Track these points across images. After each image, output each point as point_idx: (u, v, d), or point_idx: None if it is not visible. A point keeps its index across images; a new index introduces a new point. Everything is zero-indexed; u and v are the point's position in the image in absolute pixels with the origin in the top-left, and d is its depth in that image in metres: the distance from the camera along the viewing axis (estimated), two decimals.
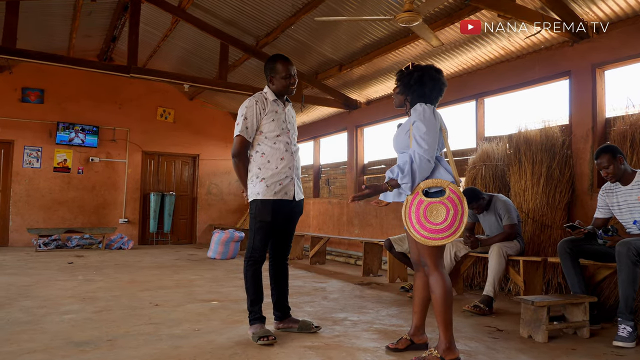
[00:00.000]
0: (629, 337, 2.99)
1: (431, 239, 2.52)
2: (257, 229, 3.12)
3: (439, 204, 2.53)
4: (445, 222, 2.51)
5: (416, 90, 2.69)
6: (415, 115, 2.62)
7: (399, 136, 2.72)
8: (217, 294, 4.64)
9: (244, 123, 3.09)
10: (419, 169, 2.54)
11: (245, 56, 7.87)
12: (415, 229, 2.53)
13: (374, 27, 6.17)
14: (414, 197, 2.55)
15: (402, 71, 2.76)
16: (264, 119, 3.10)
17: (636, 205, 3.37)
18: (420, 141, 2.55)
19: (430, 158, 2.55)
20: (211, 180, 11.24)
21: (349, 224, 8.45)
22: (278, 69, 3.15)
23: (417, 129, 2.58)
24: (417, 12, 3.64)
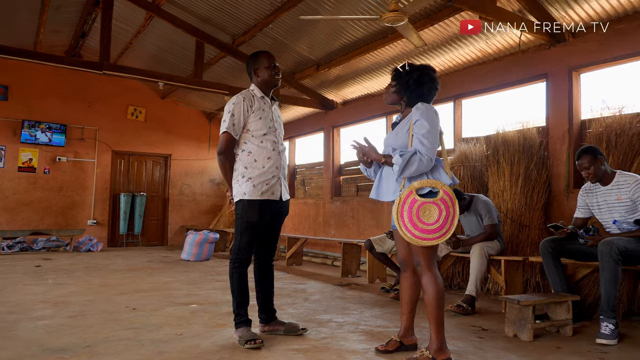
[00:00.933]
0: (612, 334, 3.05)
1: (422, 238, 2.50)
2: (243, 229, 3.04)
3: (432, 205, 2.51)
4: (438, 223, 2.50)
5: (414, 90, 2.68)
6: (418, 114, 2.59)
7: (398, 134, 2.69)
8: (196, 297, 4.53)
9: (231, 120, 3.00)
10: (418, 165, 2.51)
11: (221, 54, 7.74)
12: (407, 228, 2.50)
13: (352, 27, 6.15)
14: (407, 196, 2.52)
15: (399, 70, 2.73)
16: (251, 116, 3.03)
17: (616, 205, 3.45)
18: (423, 140, 2.53)
19: (432, 157, 2.53)
20: (183, 181, 11.01)
21: (325, 224, 8.42)
22: (262, 60, 3.12)
23: (421, 127, 2.56)
24: (403, 12, 3.64)
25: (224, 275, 6.12)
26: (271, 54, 3.17)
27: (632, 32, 4.48)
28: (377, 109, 7.55)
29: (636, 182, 3.34)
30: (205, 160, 11.21)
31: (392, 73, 2.79)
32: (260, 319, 3.25)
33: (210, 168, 11.27)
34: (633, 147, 4.22)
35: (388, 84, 2.83)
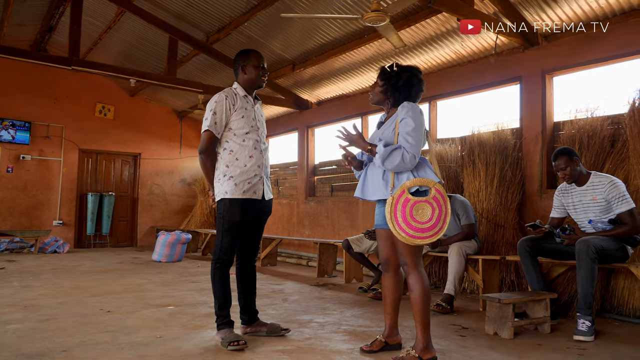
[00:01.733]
0: (588, 331, 3.13)
1: (416, 237, 2.50)
2: (225, 229, 2.98)
3: (425, 203, 2.52)
4: (431, 222, 2.51)
5: (403, 91, 2.69)
6: (404, 112, 2.59)
7: (384, 133, 2.68)
8: (172, 299, 4.42)
9: (213, 118, 2.95)
10: (401, 159, 2.51)
11: (194, 52, 7.60)
12: (400, 227, 2.50)
13: (329, 26, 6.14)
14: (400, 195, 2.52)
15: (387, 70, 2.73)
16: (233, 115, 2.98)
17: (591, 205, 3.54)
18: (408, 137, 2.54)
19: (416, 154, 2.54)
20: (153, 180, 10.77)
21: (299, 224, 8.38)
22: (251, 58, 3.08)
23: (406, 125, 2.56)
24: (385, 12, 3.65)
25: (197, 276, 6.02)
26: (261, 54, 3.14)
27: (603, 37, 4.62)
28: (352, 109, 7.57)
29: (611, 183, 3.44)
30: (176, 159, 11.01)
31: (380, 72, 2.78)
32: (242, 320, 3.20)
33: (181, 168, 11.08)
34: (604, 148, 4.35)
35: (374, 83, 2.82)
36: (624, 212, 3.37)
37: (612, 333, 3.35)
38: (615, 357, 2.79)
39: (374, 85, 2.81)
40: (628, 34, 4.47)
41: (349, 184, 7.66)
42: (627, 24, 4.51)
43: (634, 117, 4.13)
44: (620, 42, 4.53)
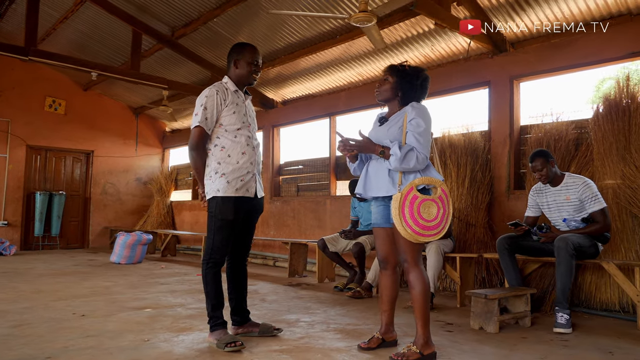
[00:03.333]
0: (567, 323, 3.29)
1: (422, 235, 2.54)
2: (217, 228, 2.90)
3: (432, 202, 2.56)
4: (436, 220, 2.56)
5: (417, 91, 2.73)
6: (414, 113, 2.63)
7: (390, 130, 2.69)
8: (146, 301, 4.26)
9: (204, 113, 2.85)
10: (415, 161, 2.55)
11: (157, 46, 7.37)
12: (407, 224, 2.52)
13: (299, 25, 6.13)
14: (408, 192, 2.54)
15: (401, 68, 2.75)
16: (224, 110, 2.90)
17: (565, 205, 3.73)
18: (419, 138, 2.57)
19: (427, 155, 2.58)
20: (107, 179, 10.34)
21: (263, 225, 8.30)
22: (246, 53, 2.99)
23: (417, 125, 2.60)
24: (373, 13, 3.69)
25: (165, 278, 5.83)
26: (257, 50, 3.04)
27: (567, 46, 4.89)
28: (320, 110, 7.59)
29: (584, 184, 3.64)
30: (132, 157, 10.62)
31: (391, 69, 2.78)
32: (234, 321, 3.12)
33: (136, 166, 10.70)
34: (569, 151, 4.60)
35: (383, 80, 2.81)
36: (596, 211, 3.57)
37: (585, 325, 3.54)
38: (596, 347, 2.95)
39: (382, 82, 2.81)
40: (589, 44, 4.75)
41: (316, 184, 7.67)
42: (588, 35, 4.78)
43: (598, 122, 4.39)
44: (582, 52, 4.80)
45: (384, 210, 2.80)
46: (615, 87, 4.45)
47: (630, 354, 2.81)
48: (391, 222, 2.72)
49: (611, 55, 4.66)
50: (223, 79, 3.05)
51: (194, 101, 3.05)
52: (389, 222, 2.78)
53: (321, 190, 7.55)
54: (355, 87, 7.16)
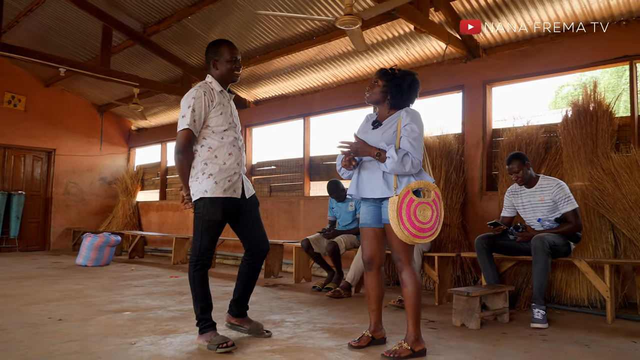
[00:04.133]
0: (543, 319, 3.44)
1: (418, 236, 2.60)
2: (205, 229, 2.88)
3: (426, 205, 2.64)
4: (431, 222, 2.64)
5: (405, 93, 2.80)
6: (409, 118, 2.71)
7: (385, 133, 2.75)
8: (123, 304, 4.16)
9: (192, 115, 2.80)
10: (410, 165, 2.63)
11: (127, 42, 7.20)
12: (405, 226, 2.58)
13: (276, 26, 6.13)
14: (405, 195, 2.61)
15: (390, 72, 2.81)
16: (212, 111, 2.86)
17: (539, 206, 3.89)
18: (414, 143, 2.66)
19: (420, 159, 2.66)
20: (70, 179, 10.00)
21: None
22: (223, 51, 2.94)
23: (412, 131, 2.68)
24: (359, 16, 3.74)
25: (138, 280, 5.71)
26: (233, 46, 3.00)
27: (536, 54, 5.10)
28: (294, 110, 7.59)
29: (558, 185, 3.81)
30: (96, 156, 10.31)
31: (381, 73, 2.85)
32: (231, 310, 3.12)
33: (101, 165, 10.40)
34: (540, 154, 4.80)
35: (373, 83, 2.87)
36: (569, 211, 3.75)
37: (559, 320, 3.71)
38: (572, 340, 3.10)
39: (373, 86, 2.87)
40: (556, 52, 4.97)
41: (289, 184, 7.68)
42: (555, 44, 5.00)
43: (567, 126, 4.60)
44: (551, 59, 5.01)
45: (374, 211, 2.86)
46: (583, 93, 4.67)
47: (604, 347, 2.96)
48: (382, 223, 2.80)
49: (576, 63, 4.88)
50: (207, 78, 3.00)
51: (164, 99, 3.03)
52: (378, 222, 2.84)
53: (295, 191, 7.56)
54: (330, 88, 7.21)
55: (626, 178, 4.09)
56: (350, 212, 5.30)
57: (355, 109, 6.91)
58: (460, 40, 5.28)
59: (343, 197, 5.31)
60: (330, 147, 7.34)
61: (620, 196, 4.10)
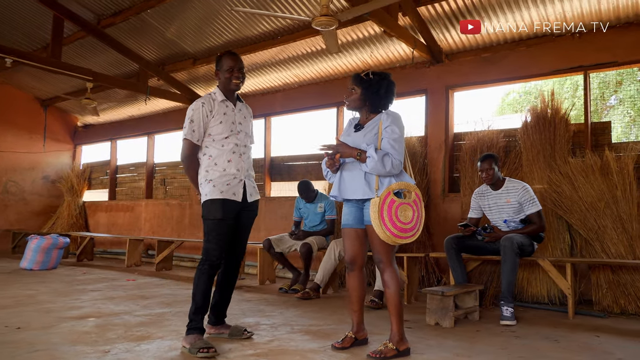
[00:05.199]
0: (512, 316, 3.58)
1: (399, 237, 2.63)
2: (210, 229, 2.96)
3: (407, 205, 2.67)
4: (412, 223, 2.68)
5: (383, 97, 2.82)
6: (389, 121, 2.74)
7: (367, 136, 2.77)
8: (84, 309, 3.95)
9: (190, 126, 2.97)
10: (391, 166, 2.66)
11: (79, 34, 6.84)
12: (387, 227, 2.61)
13: (242, 25, 6.04)
14: (386, 196, 2.63)
15: (365, 78, 2.82)
16: (211, 121, 2.99)
17: (505, 207, 4.05)
18: (394, 144, 2.68)
19: (401, 160, 2.69)
20: (9, 177, 9.38)
21: (192, 226, 8.02)
22: (222, 63, 3.07)
23: (392, 132, 2.71)
24: (336, 18, 3.75)
25: (92, 284, 5.44)
26: (235, 57, 3.08)
27: (497, 61, 5.31)
28: (255, 110, 7.23)
29: (523, 188, 3.98)
30: (39, 154, 9.74)
31: (356, 79, 2.86)
32: (209, 319, 3.14)
33: (44, 163, 9.83)
34: (500, 158, 4.98)
35: (350, 90, 2.88)
36: (534, 212, 3.93)
37: (524, 317, 3.87)
38: (541, 336, 3.24)
39: (349, 93, 2.89)
40: (517, 61, 5.20)
41: None
42: (515, 52, 5.24)
43: (527, 131, 4.82)
44: (511, 67, 5.24)
45: (356, 212, 2.88)
46: (541, 101, 4.91)
47: (572, 341, 3.12)
48: (364, 224, 2.82)
49: (536, 71, 5.13)
50: (213, 89, 3.15)
51: (114, 95, 2.99)
52: (360, 223, 2.87)
53: None
54: (292, 88, 7.19)
55: (582, 181, 4.33)
56: (319, 213, 5.30)
57: (317, 109, 6.93)
58: (425, 45, 5.40)
59: (313, 197, 5.30)
60: (291, 148, 7.33)
61: (577, 198, 4.34)
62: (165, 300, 4.44)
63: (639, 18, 4.62)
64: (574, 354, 2.82)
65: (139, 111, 9.14)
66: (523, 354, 2.81)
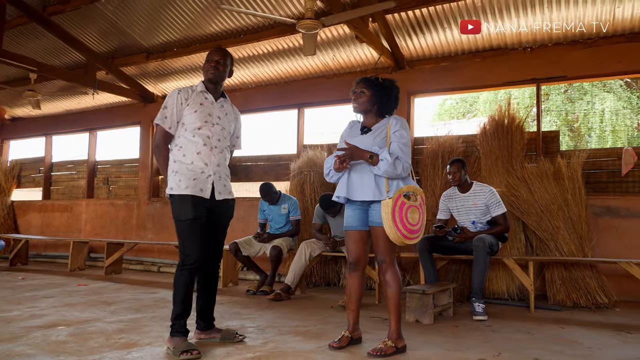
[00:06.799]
0: (483, 312, 3.81)
1: (408, 238, 2.74)
2: (183, 231, 2.85)
3: (415, 208, 2.77)
4: (418, 224, 2.79)
5: (392, 102, 2.92)
6: (398, 125, 2.83)
7: (376, 139, 2.83)
8: (47, 318, 3.69)
9: (162, 112, 2.93)
10: (402, 169, 2.76)
11: (20, 20, 6.34)
12: (397, 227, 2.69)
13: (205, 21, 5.91)
14: (398, 198, 2.72)
15: (377, 82, 2.90)
16: (185, 109, 2.91)
17: (472, 209, 4.29)
18: (404, 148, 2.77)
19: (409, 164, 2.79)
20: None
21: (140, 227, 7.69)
22: (207, 55, 3.04)
23: (401, 137, 2.80)
24: (320, 22, 3.79)
25: (41, 290, 5.10)
26: (219, 50, 3.04)
27: (456, 70, 5.60)
28: None
29: (490, 191, 4.24)
30: None
31: (366, 82, 2.93)
32: (198, 325, 3.07)
33: None
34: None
35: (359, 92, 2.94)
36: (500, 214, 4.19)
37: (490, 312, 4.08)
38: (514, 329, 3.48)
39: (359, 95, 2.94)
40: (474, 71, 5.52)
41: None
42: (473, 63, 5.55)
43: (486, 138, 5.13)
44: (468, 77, 5.55)
45: (361, 214, 2.94)
46: (498, 109, 5.24)
47: (542, 333, 3.38)
48: (368, 226, 2.90)
49: (492, 82, 5.48)
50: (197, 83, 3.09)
51: (51, 87, 2.87)
52: (364, 225, 2.94)
53: None
54: (249, 88, 7.12)
55: (538, 185, 4.68)
56: (283, 214, 5.30)
57: (277, 110, 6.92)
58: (390, 51, 5.58)
59: (276, 199, 5.29)
60: (249, 149, 7.25)
61: (533, 201, 4.69)
62: (133, 306, 4.26)
63: (584, 37, 5.06)
64: (549, 344, 3.06)
65: (78, 105, 8.62)
66: (507, 347, 3.00)
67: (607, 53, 4.97)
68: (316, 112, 6.78)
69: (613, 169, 4.94)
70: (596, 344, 3.09)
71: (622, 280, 4.45)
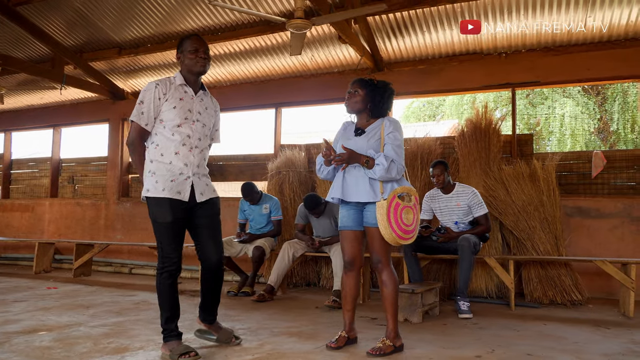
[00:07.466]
0: (468, 310, 3.91)
1: (403, 238, 2.77)
2: (161, 234, 2.72)
3: (409, 208, 2.81)
4: (412, 225, 2.83)
5: (385, 103, 2.94)
6: (392, 127, 2.86)
7: (370, 141, 2.85)
8: (23, 322, 3.52)
9: (139, 108, 2.71)
10: (396, 171, 2.79)
11: None
12: (392, 228, 2.72)
13: (181, 16, 5.79)
14: (392, 199, 2.75)
15: (371, 82, 2.92)
16: (164, 105, 2.72)
17: (455, 210, 4.39)
18: (398, 150, 2.82)
19: (403, 165, 2.83)
20: None
21: (108, 228, 7.45)
22: (185, 44, 2.81)
23: (395, 139, 2.84)
24: (311, 22, 3.78)
25: (10, 294, 4.86)
26: (198, 38, 2.84)
27: (433, 73, 5.71)
28: None
29: (472, 192, 4.35)
30: None
31: (361, 83, 2.95)
32: (200, 315, 3.02)
33: None
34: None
35: (353, 92, 2.96)
36: (482, 215, 4.30)
37: (474, 310, 4.18)
38: (500, 326, 3.58)
39: (352, 95, 2.96)
40: (451, 74, 5.65)
41: None
42: (450, 66, 5.68)
43: (464, 140, 5.25)
44: (446, 80, 5.67)
45: (355, 214, 2.96)
46: (475, 112, 5.39)
47: (528, 330, 3.50)
48: (363, 226, 2.92)
49: (468, 85, 5.61)
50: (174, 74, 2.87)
51: (12, 80, 2.74)
52: (359, 225, 2.96)
53: None
54: (224, 86, 7.02)
55: (515, 187, 4.84)
56: (265, 214, 5.25)
57: (254, 109, 6.86)
58: (370, 53, 5.63)
59: (257, 199, 5.24)
60: (225, 148, 7.14)
61: (510, 202, 4.84)
62: (112, 309, 4.12)
63: (556, 44, 5.27)
64: (538, 341, 3.17)
65: (41, 100, 8.25)
66: (498, 343, 3.08)
67: (577, 60, 5.19)
68: (294, 112, 6.75)
69: (584, 172, 5.18)
70: (581, 340, 3.22)
71: (594, 277, 4.67)
